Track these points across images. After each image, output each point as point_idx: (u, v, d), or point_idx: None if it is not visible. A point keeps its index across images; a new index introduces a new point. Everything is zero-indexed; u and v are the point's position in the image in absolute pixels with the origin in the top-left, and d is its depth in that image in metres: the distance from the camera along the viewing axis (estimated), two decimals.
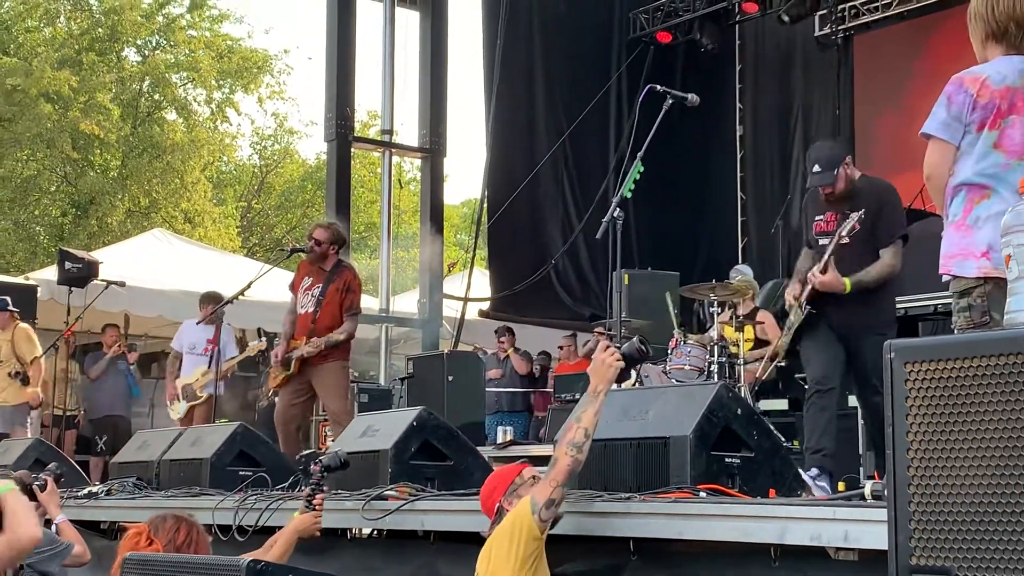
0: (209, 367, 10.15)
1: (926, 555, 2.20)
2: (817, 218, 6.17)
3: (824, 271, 5.93)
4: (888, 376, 2.28)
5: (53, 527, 5.67)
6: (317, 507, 4.71)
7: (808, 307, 6.04)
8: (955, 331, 3.72)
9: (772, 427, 4.61)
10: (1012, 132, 3.64)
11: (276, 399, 8.26)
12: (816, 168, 6.06)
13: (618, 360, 3.90)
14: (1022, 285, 2.40)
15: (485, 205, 13.48)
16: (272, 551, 4.56)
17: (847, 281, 5.91)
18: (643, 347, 3.96)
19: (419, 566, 5.09)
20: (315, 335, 7.79)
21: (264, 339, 10.94)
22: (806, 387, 8.91)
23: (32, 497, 5.77)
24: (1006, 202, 3.59)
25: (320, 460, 4.83)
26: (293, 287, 8.23)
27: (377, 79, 12.90)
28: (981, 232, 3.65)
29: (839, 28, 13.14)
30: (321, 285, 7.93)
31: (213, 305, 10.13)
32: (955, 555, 2.16)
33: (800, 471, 4.60)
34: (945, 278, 3.77)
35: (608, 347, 3.94)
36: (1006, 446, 2.10)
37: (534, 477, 3.99)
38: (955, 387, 2.19)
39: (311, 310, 7.91)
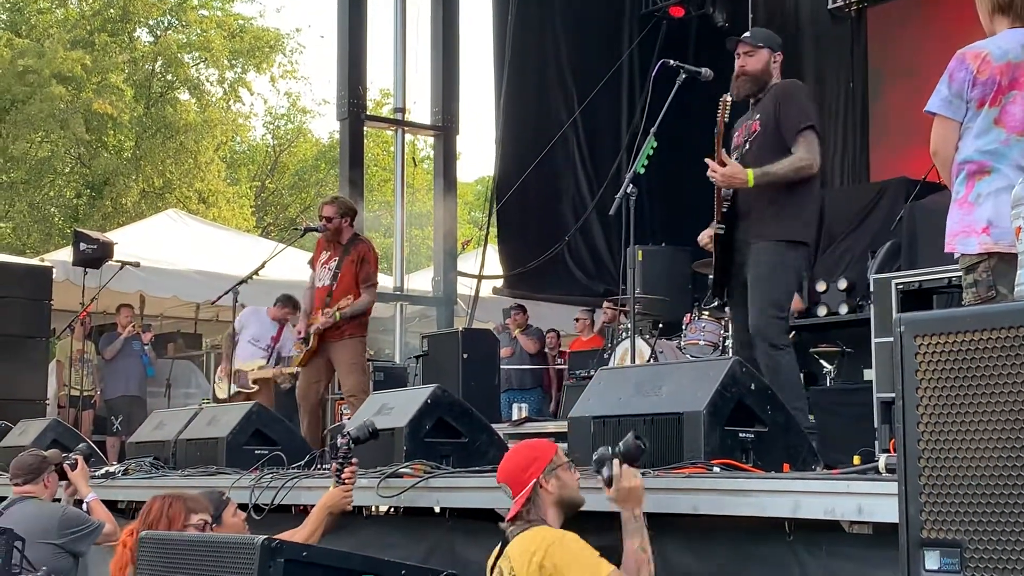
0: (268, 363, 10.28)
1: (937, 528, 2.20)
2: (735, 135, 5.85)
3: (723, 164, 5.50)
4: (898, 349, 2.28)
5: (84, 506, 5.71)
6: (348, 481, 4.63)
7: (720, 226, 5.68)
8: (965, 306, 3.73)
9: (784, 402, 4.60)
10: (1013, 108, 3.65)
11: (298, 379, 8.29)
12: (746, 34, 5.86)
13: (640, 478, 3.78)
14: None
15: (497, 183, 13.46)
16: (302, 531, 4.55)
17: (750, 172, 5.47)
18: (640, 441, 3.91)
19: (435, 543, 5.11)
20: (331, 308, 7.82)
21: None
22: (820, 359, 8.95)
23: (63, 476, 5.82)
24: (1007, 178, 3.59)
25: (348, 432, 4.72)
26: (312, 263, 8.26)
27: (389, 57, 12.90)
28: (981, 208, 3.66)
29: (852, 0, 13.05)
30: (337, 258, 7.97)
31: (286, 306, 10.40)
32: (966, 528, 2.16)
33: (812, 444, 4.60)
34: (954, 255, 3.79)
35: (622, 473, 3.79)
36: (1016, 419, 2.10)
37: (569, 461, 3.93)
38: (965, 360, 2.18)
39: (327, 283, 7.95)
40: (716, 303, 5.92)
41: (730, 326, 6.57)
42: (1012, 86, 3.65)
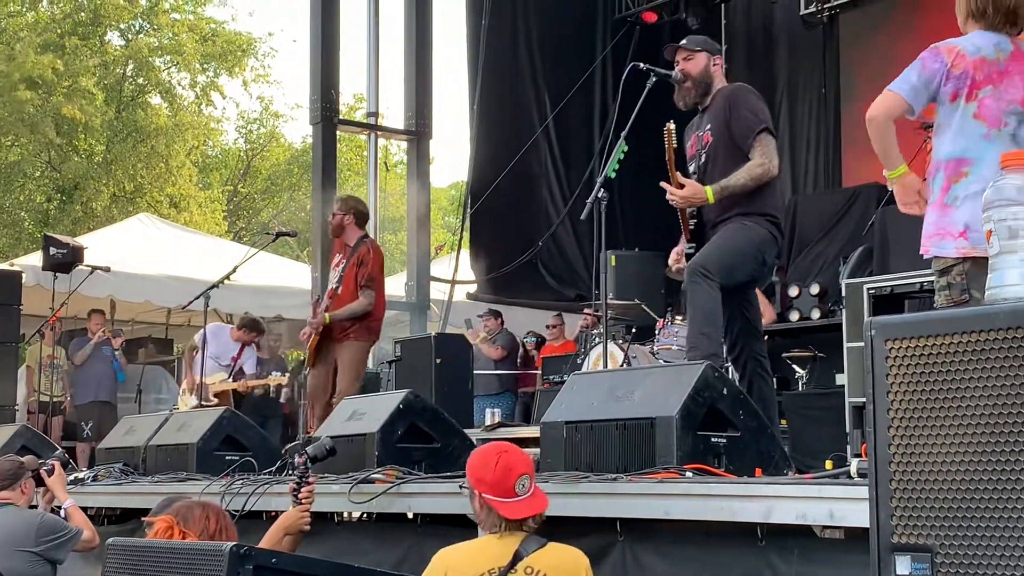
0: (228, 378, 10.35)
1: (908, 533, 2.20)
2: (688, 146, 5.81)
3: (679, 187, 5.48)
4: (869, 353, 2.28)
5: (62, 512, 5.66)
6: (304, 501, 4.53)
7: (690, 246, 5.64)
8: (937, 309, 3.74)
9: (758, 407, 4.61)
10: (989, 102, 3.68)
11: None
12: (683, 41, 5.83)
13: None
14: (1003, 261, 2.40)
15: (471, 187, 13.44)
16: None
17: (708, 190, 5.45)
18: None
19: (407, 549, 5.09)
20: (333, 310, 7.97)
21: (287, 375, 11.05)
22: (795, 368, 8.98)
23: (40, 482, 5.76)
24: (983, 180, 3.61)
25: (305, 451, 4.65)
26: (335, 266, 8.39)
27: (362, 62, 12.87)
28: (959, 211, 3.68)
29: (825, 6, 13.09)
30: (344, 261, 8.09)
31: (252, 331, 10.62)
32: (937, 532, 2.16)
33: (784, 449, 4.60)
34: (927, 257, 3.79)
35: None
36: (987, 423, 2.10)
37: None
38: (936, 364, 2.18)
39: (334, 286, 8.09)
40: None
41: None
42: (986, 81, 3.69)
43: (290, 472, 4.70)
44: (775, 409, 5.70)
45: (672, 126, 5.51)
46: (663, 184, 5.56)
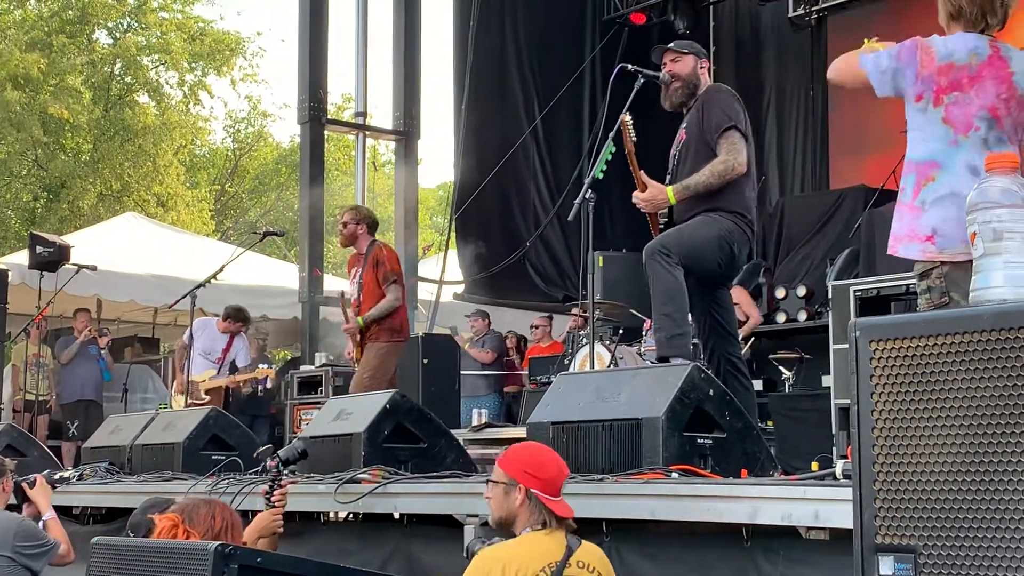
0: (219, 373, 10.31)
1: (892, 533, 2.21)
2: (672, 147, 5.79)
3: (643, 188, 5.47)
4: (853, 354, 2.29)
5: (41, 523, 5.64)
6: (278, 504, 4.53)
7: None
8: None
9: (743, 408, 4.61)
10: (955, 109, 3.68)
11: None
12: (671, 44, 5.84)
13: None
14: (987, 263, 2.41)
15: (459, 188, 13.44)
16: None
17: (669, 191, 5.46)
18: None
19: (393, 549, 5.08)
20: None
21: (273, 367, 11.01)
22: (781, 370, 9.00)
23: (22, 496, 5.75)
24: (952, 183, 3.62)
25: (277, 454, 4.63)
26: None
27: (351, 61, 12.87)
28: (927, 215, 3.69)
29: (813, 9, 13.14)
30: (360, 269, 8.18)
31: (236, 321, 10.49)
32: (920, 533, 2.17)
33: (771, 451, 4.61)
34: (893, 255, 3.81)
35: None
36: (970, 423, 2.11)
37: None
38: (920, 365, 2.19)
39: (356, 296, 8.16)
40: None
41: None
42: (953, 87, 3.68)
43: (264, 475, 4.67)
44: (754, 410, 5.68)
45: (628, 118, 5.50)
46: (634, 194, 5.56)
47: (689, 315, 5.43)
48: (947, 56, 3.69)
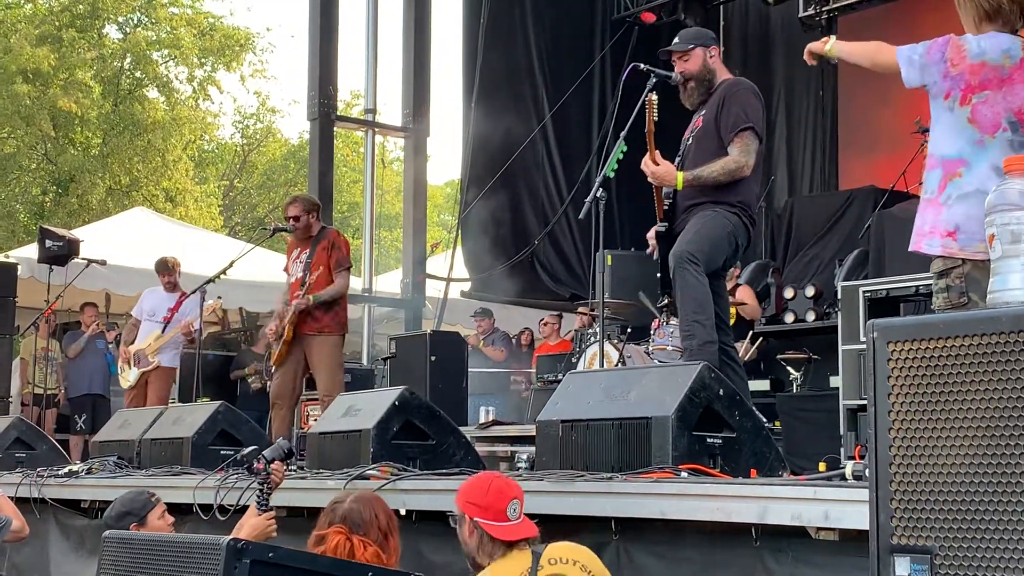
0: (163, 332, 9.75)
1: (907, 534, 2.20)
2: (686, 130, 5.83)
3: (656, 163, 5.52)
4: (871, 355, 2.28)
5: None
6: (269, 508, 4.45)
7: (662, 224, 5.68)
8: (934, 311, 3.73)
9: (754, 407, 4.61)
10: (984, 108, 3.66)
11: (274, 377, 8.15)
12: (675, 41, 5.86)
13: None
14: (1005, 265, 2.40)
15: (467, 185, 13.44)
16: None
17: (679, 175, 5.51)
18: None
19: (401, 545, 5.08)
20: None
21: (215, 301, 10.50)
22: (788, 369, 8.99)
23: None
24: (977, 181, 3.61)
25: (262, 456, 4.50)
26: (286, 268, 8.21)
27: (360, 58, 12.87)
28: (950, 211, 3.67)
29: (823, 9, 13.09)
30: (308, 249, 7.93)
31: (167, 273, 9.93)
32: (936, 534, 2.17)
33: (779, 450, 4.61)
34: (916, 251, 3.79)
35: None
36: (987, 425, 2.11)
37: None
38: (937, 366, 2.18)
39: (300, 275, 7.87)
40: (667, 300, 5.89)
41: None
42: (983, 86, 3.67)
43: (253, 478, 4.60)
44: (747, 397, 5.72)
45: (654, 97, 5.53)
46: (644, 161, 5.60)
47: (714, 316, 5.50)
48: (979, 55, 3.67)
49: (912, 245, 3.79)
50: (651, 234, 5.84)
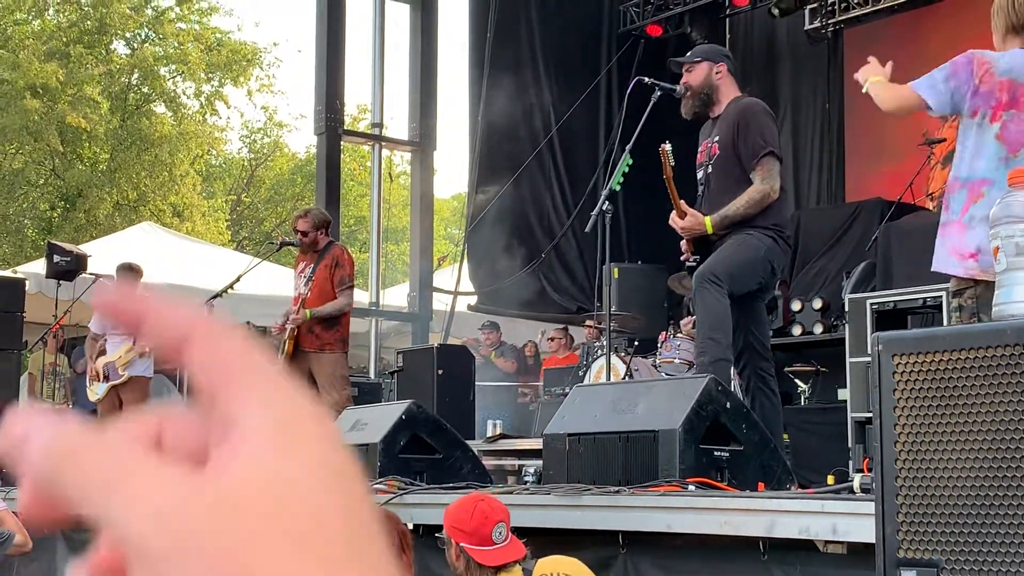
0: (135, 344, 9.23)
1: (914, 548, 2.20)
2: (699, 151, 5.77)
3: (682, 215, 5.48)
4: (876, 368, 2.28)
5: None
6: None
7: (695, 258, 5.61)
8: None
9: (760, 421, 4.61)
10: (1012, 126, 3.65)
11: None
12: (687, 54, 5.84)
13: None
14: (1010, 277, 2.40)
15: (473, 198, 13.46)
16: None
17: (707, 221, 5.45)
18: None
19: None
20: None
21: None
22: (796, 381, 8.97)
23: None
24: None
25: None
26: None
27: (367, 72, 12.90)
28: (972, 232, 3.66)
29: (829, 22, 13.13)
30: (312, 265, 7.94)
31: (132, 280, 9.40)
32: (943, 547, 2.16)
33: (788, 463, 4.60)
34: (937, 271, 3.79)
35: None
36: (993, 438, 2.10)
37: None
38: (942, 379, 2.18)
39: (302, 291, 7.88)
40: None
41: None
42: (1012, 104, 3.65)
43: None
44: (779, 427, 5.70)
45: (668, 147, 5.51)
46: (672, 218, 5.57)
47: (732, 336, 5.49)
48: (1007, 72, 3.66)
49: (934, 265, 3.78)
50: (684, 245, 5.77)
